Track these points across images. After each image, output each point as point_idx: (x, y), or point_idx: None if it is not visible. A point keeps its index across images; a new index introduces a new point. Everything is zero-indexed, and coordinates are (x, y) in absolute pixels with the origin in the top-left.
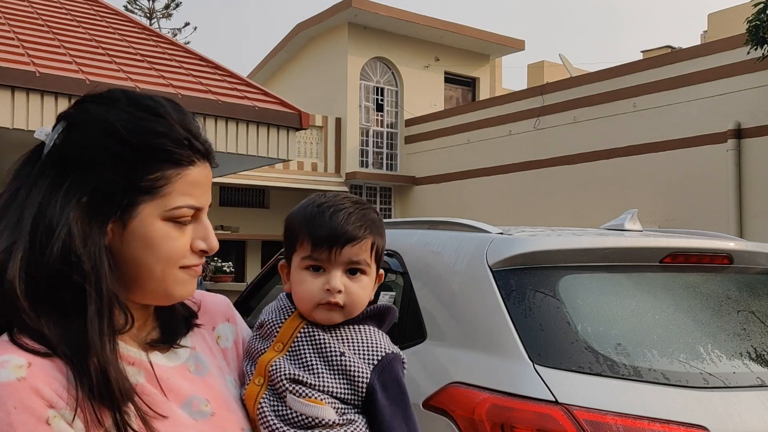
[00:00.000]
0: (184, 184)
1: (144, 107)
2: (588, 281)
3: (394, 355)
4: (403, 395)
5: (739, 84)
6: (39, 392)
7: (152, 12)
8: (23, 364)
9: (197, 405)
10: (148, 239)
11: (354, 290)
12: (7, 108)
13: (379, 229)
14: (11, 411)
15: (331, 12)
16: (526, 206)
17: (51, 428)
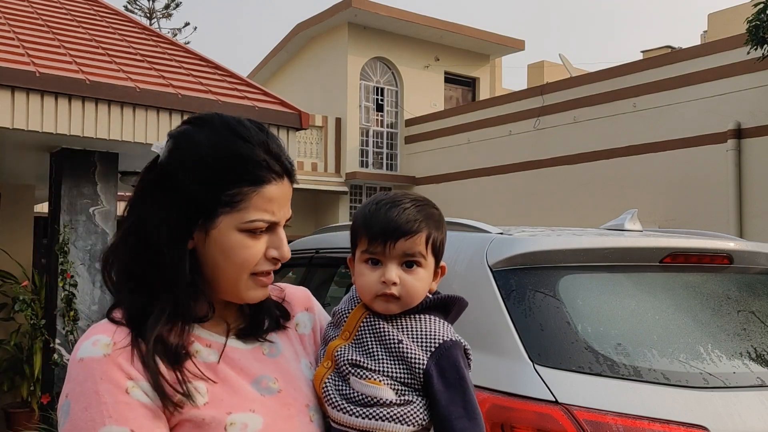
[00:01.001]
0: (260, 200)
1: (231, 130)
2: (588, 281)
3: (453, 343)
4: (462, 380)
5: (739, 84)
6: (120, 366)
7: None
8: (109, 342)
9: (266, 383)
10: (224, 247)
11: (409, 282)
12: (7, 108)
13: (436, 223)
14: (98, 381)
15: (331, 12)
16: (526, 206)
17: (129, 396)
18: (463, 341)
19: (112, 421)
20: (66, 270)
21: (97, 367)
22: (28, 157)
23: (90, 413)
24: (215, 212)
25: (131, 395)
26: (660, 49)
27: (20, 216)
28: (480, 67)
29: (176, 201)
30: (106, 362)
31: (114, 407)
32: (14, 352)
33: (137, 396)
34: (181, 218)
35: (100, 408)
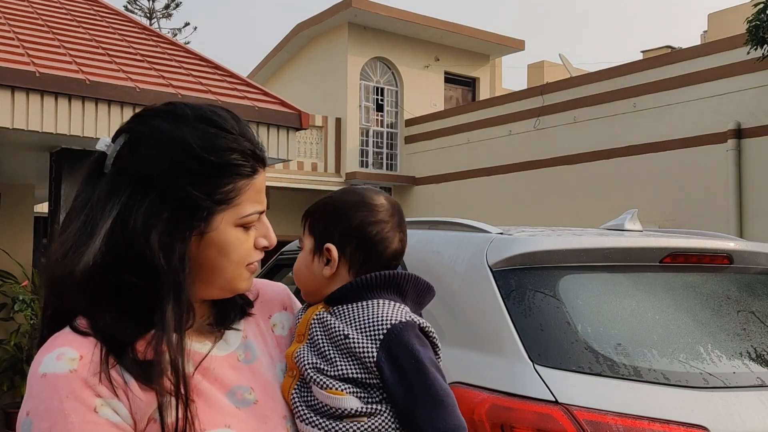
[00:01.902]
0: (253, 192)
1: (211, 122)
2: (588, 281)
3: (404, 325)
4: (419, 364)
5: (739, 84)
6: (88, 383)
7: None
8: (75, 357)
9: (241, 394)
10: (223, 245)
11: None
12: (7, 108)
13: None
14: (64, 399)
15: (331, 12)
16: (526, 206)
17: (98, 415)
18: (419, 320)
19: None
20: None
21: (62, 384)
22: (28, 157)
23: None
24: (211, 212)
25: (100, 414)
26: (660, 49)
27: (20, 216)
28: (480, 67)
29: (163, 207)
30: (72, 378)
31: (81, 427)
32: (14, 352)
33: (106, 415)
34: (175, 225)
35: (66, 428)
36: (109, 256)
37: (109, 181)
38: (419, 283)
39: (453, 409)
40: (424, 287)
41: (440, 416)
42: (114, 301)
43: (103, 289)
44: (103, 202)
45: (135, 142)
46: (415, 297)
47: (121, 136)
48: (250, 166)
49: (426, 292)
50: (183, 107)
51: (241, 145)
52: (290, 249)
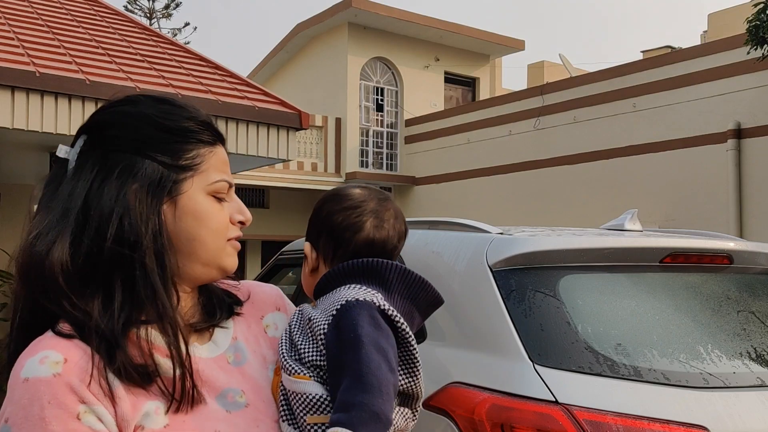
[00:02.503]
0: (217, 161)
1: (165, 101)
2: (588, 281)
3: (357, 302)
4: (356, 339)
5: (739, 84)
6: (72, 388)
7: (152, 12)
8: (60, 360)
9: (232, 396)
10: (198, 213)
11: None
12: (7, 108)
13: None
14: (45, 405)
15: (331, 12)
16: (526, 206)
17: (81, 423)
18: (382, 304)
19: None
20: None
21: (44, 389)
22: (28, 157)
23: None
24: (179, 178)
25: (83, 422)
26: (660, 49)
27: (20, 216)
28: (480, 67)
29: (132, 179)
30: (55, 383)
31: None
32: None
33: (90, 422)
34: (147, 194)
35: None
36: (84, 240)
37: (73, 172)
38: (408, 276)
39: (370, 388)
40: (416, 282)
41: (353, 389)
42: (95, 290)
43: (82, 277)
44: (69, 190)
45: (98, 131)
46: (404, 290)
47: (79, 138)
48: (210, 134)
49: (420, 287)
50: (139, 95)
51: (198, 115)
52: (290, 249)
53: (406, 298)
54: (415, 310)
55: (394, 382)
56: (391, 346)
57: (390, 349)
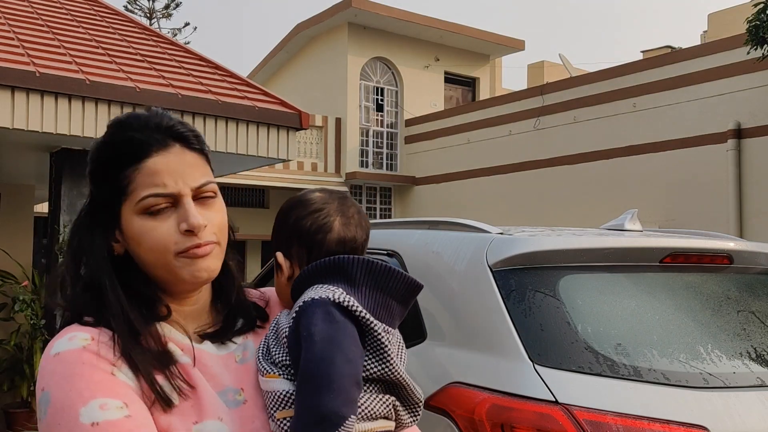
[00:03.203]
0: (143, 176)
1: (115, 123)
2: (588, 281)
3: (314, 300)
4: (308, 338)
5: (739, 84)
6: (101, 356)
7: (152, 12)
8: (87, 337)
9: (232, 395)
10: (134, 236)
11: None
12: (7, 108)
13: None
14: (80, 365)
15: (331, 12)
16: (526, 206)
17: (116, 377)
18: (335, 297)
19: (102, 394)
20: None
21: (77, 355)
22: (28, 157)
23: (76, 390)
24: (118, 206)
25: (117, 377)
26: (660, 49)
27: (20, 216)
28: (480, 67)
29: (87, 215)
30: (85, 352)
31: (102, 383)
32: (14, 352)
33: (123, 378)
34: (94, 228)
35: (88, 384)
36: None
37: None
38: (374, 267)
39: (318, 388)
40: (382, 272)
41: (304, 392)
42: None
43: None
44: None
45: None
46: (371, 282)
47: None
48: (136, 151)
49: (388, 276)
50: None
51: (125, 135)
52: None
53: (376, 290)
54: (391, 300)
55: (352, 373)
56: (348, 337)
57: (346, 339)
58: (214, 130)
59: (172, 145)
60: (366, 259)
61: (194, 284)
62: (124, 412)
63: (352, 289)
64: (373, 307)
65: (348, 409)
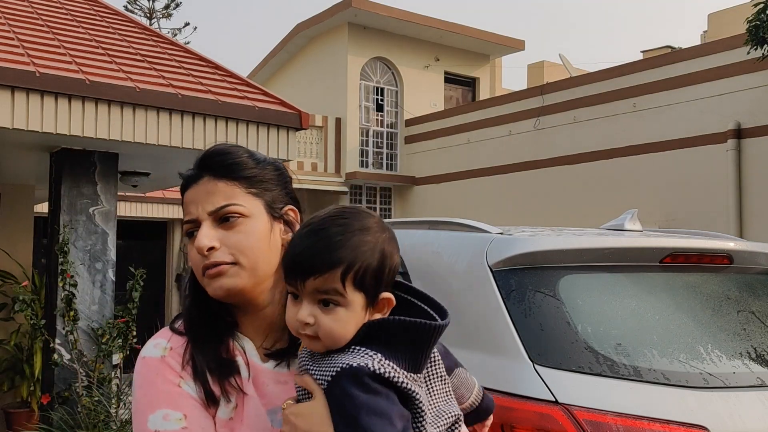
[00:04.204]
0: (185, 205)
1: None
2: (588, 281)
3: (344, 371)
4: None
5: (739, 84)
6: (172, 367)
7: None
8: (166, 346)
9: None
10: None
11: (325, 323)
12: (7, 108)
13: (358, 250)
14: (155, 374)
15: (331, 12)
16: (526, 206)
17: (181, 389)
18: (373, 365)
19: (167, 405)
20: (66, 270)
21: (154, 364)
22: (28, 157)
23: (149, 398)
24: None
25: (182, 387)
26: (660, 49)
27: (20, 216)
28: (480, 67)
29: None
30: (161, 362)
31: (168, 395)
32: (14, 352)
33: (186, 389)
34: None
35: (157, 395)
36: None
37: None
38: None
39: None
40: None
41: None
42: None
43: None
44: None
45: None
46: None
47: None
48: (184, 184)
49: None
50: None
51: (187, 171)
52: None
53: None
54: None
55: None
56: (392, 404)
57: (392, 408)
58: (214, 130)
59: (202, 177)
60: (400, 321)
61: (221, 300)
62: (182, 424)
63: (389, 350)
64: (412, 364)
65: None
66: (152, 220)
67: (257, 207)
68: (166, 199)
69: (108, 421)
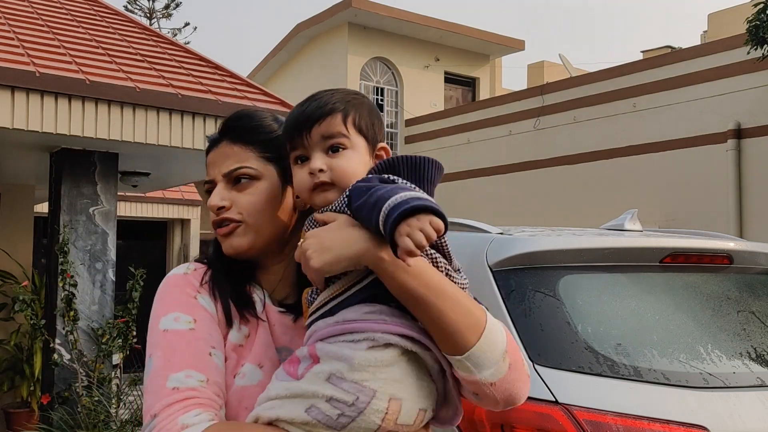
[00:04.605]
0: (207, 167)
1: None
2: (588, 281)
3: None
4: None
5: (739, 84)
6: (191, 283)
7: (152, 12)
8: (192, 268)
9: (285, 354)
10: None
11: (337, 164)
12: (7, 108)
13: (356, 104)
14: (175, 286)
15: (331, 12)
16: (526, 206)
17: (196, 300)
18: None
19: (180, 310)
20: (66, 270)
21: (176, 279)
22: (28, 157)
23: (164, 303)
24: None
25: (198, 300)
26: (660, 49)
27: (20, 216)
28: (480, 67)
29: None
30: (183, 277)
31: (183, 301)
32: (14, 352)
33: (202, 303)
34: None
35: (172, 301)
36: None
37: None
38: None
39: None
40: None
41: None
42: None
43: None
44: None
45: None
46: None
47: None
48: (206, 149)
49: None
50: None
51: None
52: None
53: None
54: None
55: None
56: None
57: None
58: (214, 130)
59: (221, 140)
60: (408, 156)
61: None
62: (190, 326)
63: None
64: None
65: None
66: (152, 220)
67: (269, 170)
68: (166, 199)
69: (108, 421)
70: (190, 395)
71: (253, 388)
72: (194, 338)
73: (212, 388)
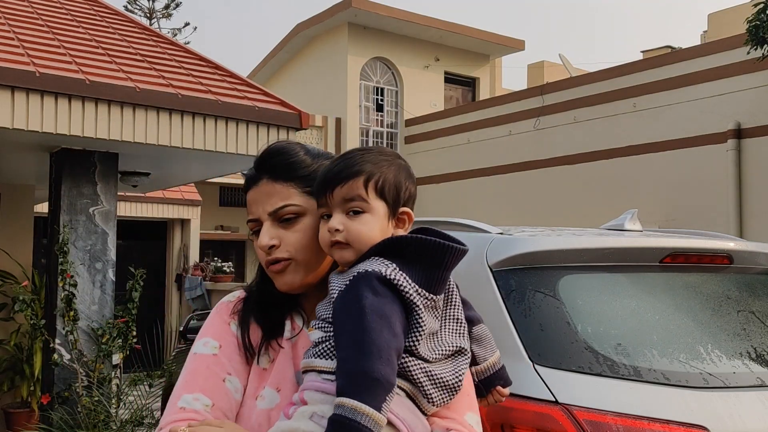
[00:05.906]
0: (247, 205)
1: None
2: (588, 281)
3: (363, 274)
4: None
5: (739, 84)
6: (228, 310)
7: (152, 12)
8: (236, 295)
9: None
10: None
11: (353, 227)
12: (7, 108)
13: (380, 166)
14: (215, 314)
15: (331, 12)
16: (526, 206)
17: (229, 327)
18: (386, 272)
19: (211, 335)
20: (66, 270)
21: (221, 306)
22: (28, 157)
23: (205, 327)
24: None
25: (230, 327)
26: (660, 49)
27: (20, 216)
28: (480, 67)
29: None
30: (226, 305)
31: (217, 328)
32: (14, 352)
33: (233, 329)
34: None
35: (209, 327)
36: None
37: None
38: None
39: (370, 355)
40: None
41: (355, 358)
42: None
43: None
44: None
45: None
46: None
47: None
48: (245, 186)
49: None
50: None
51: (247, 172)
52: None
53: (429, 266)
54: (444, 272)
55: (396, 347)
56: (394, 312)
57: (393, 314)
58: (214, 130)
59: (261, 179)
60: (419, 238)
61: (284, 291)
62: (214, 351)
63: (405, 265)
64: (425, 282)
65: (394, 378)
66: (152, 220)
67: (312, 205)
68: (166, 199)
69: (108, 421)
70: (191, 417)
71: (271, 411)
72: (214, 363)
73: (215, 413)
